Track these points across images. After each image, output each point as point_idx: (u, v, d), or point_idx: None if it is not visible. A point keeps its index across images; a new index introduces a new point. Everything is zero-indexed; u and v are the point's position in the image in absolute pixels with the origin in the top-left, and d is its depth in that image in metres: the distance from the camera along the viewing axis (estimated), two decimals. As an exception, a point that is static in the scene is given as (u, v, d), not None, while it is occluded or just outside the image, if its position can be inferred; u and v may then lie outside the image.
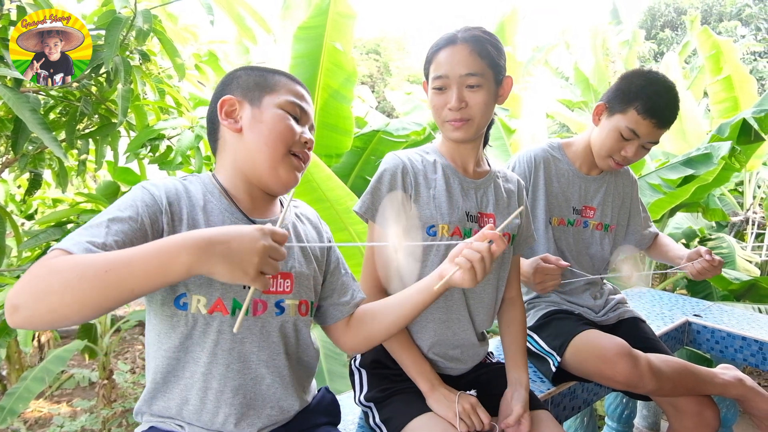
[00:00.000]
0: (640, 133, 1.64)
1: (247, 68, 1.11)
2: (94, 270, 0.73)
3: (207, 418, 1.00)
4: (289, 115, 1.06)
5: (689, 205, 4.83)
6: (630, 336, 1.66)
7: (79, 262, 0.75)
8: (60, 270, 0.74)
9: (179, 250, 0.76)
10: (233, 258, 0.77)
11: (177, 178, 1.05)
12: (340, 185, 2.73)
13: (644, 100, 1.61)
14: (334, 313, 1.21)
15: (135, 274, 0.74)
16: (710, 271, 1.67)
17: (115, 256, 0.76)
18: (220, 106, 1.06)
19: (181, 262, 0.75)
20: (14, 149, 2.10)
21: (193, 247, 0.76)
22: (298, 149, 1.07)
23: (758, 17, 18.04)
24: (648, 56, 16.20)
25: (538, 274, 1.55)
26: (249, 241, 0.78)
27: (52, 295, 0.72)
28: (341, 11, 3.87)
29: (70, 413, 4.41)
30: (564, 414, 1.71)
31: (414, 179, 1.33)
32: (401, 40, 24.11)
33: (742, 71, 5.89)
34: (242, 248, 0.78)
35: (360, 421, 1.43)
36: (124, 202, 0.93)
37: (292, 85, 1.10)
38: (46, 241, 2.31)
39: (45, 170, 2.73)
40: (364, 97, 6.51)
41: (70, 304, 0.73)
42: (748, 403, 1.64)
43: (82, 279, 0.72)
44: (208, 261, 0.76)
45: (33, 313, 0.73)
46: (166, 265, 0.75)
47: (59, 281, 0.73)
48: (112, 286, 0.73)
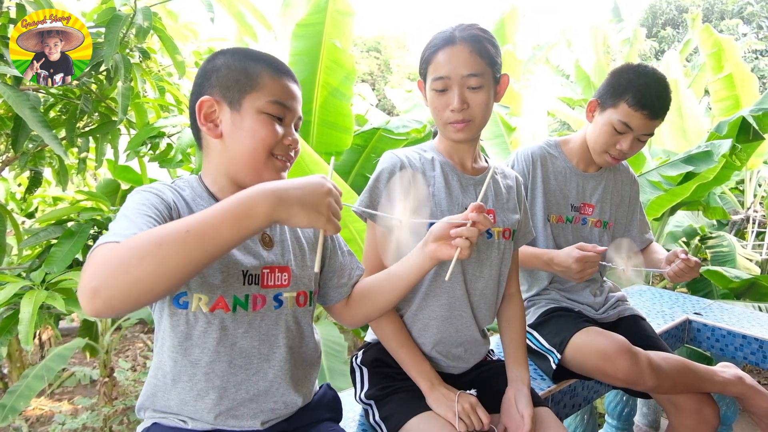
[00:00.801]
0: (633, 125, 1.64)
1: (228, 56, 1.03)
2: (173, 233, 0.72)
3: (210, 414, 1.00)
4: (272, 118, 1.01)
5: (690, 204, 4.82)
6: (630, 334, 1.66)
7: (151, 232, 0.73)
8: (132, 245, 0.72)
9: (256, 200, 0.77)
10: (308, 201, 0.81)
11: (166, 183, 1.04)
12: (340, 183, 2.74)
13: (634, 92, 1.62)
14: (333, 295, 1.22)
15: (217, 229, 0.74)
16: (687, 273, 1.64)
17: (189, 218, 0.75)
18: (198, 108, 1.01)
19: (262, 211, 0.77)
20: (14, 147, 2.10)
21: (271, 196, 0.78)
22: (281, 152, 1.03)
23: (760, 15, 18.01)
24: (649, 54, 16.19)
25: (580, 262, 1.53)
26: (319, 185, 0.83)
27: (131, 268, 0.69)
28: (340, 9, 3.87)
29: (71, 411, 4.42)
30: (564, 411, 1.72)
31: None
32: (401, 38, 24.08)
33: (743, 69, 5.87)
34: (315, 192, 0.82)
35: (360, 419, 1.43)
36: (135, 201, 0.93)
37: (276, 79, 1.02)
38: (47, 239, 2.32)
39: (45, 168, 2.73)
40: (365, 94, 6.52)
41: (153, 273, 0.70)
42: (748, 401, 1.64)
43: (162, 245, 0.71)
44: (286, 207, 0.79)
45: (114, 293, 0.69)
46: (247, 216, 0.76)
47: (135, 253, 0.70)
48: (194, 247, 0.72)
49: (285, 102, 1.02)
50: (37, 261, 2.30)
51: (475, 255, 1.36)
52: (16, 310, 2.02)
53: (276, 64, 1.04)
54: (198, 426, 1.01)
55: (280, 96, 1.02)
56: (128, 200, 0.95)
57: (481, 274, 1.38)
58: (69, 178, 2.91)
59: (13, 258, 3.42)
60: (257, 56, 1.04)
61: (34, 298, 1.97)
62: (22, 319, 1.91)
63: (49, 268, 2.12)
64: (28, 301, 1.95)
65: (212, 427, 1.02)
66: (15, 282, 2.04)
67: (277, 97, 1.01)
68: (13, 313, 2.07)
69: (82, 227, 2.26)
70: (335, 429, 1.17)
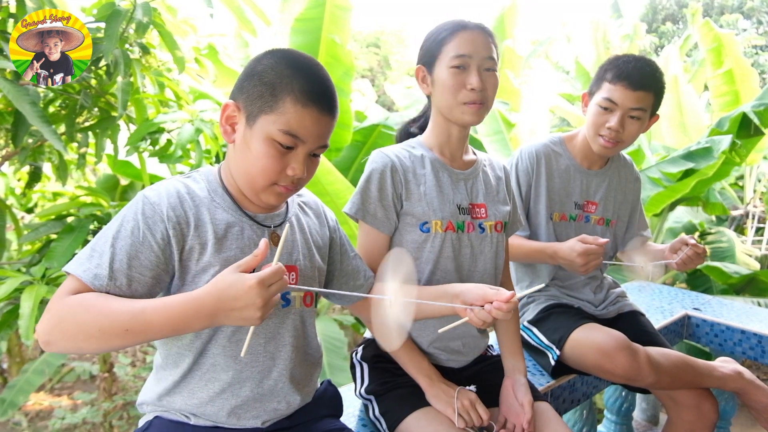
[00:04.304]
0: (616, 99, 1.63)
1: (273, 62, 0.97)
2: (115, 329, 0.85)
3: (213, 410, 1.01)
4: (279, 146, 0.95)
5: (689, 199, 4.83)
6: (629, 329, 1.66)
7: (98, 315, 0.85)
8: (81, 322, 0.85)
9: (192, 320, 0.87)
10: (240, 317, 0.86)
11: (179, 178, 1.03)
12: (340, 179, 2.74)
13: (613, 69, 1.64)
14: (353, 297, 1.23)
15: (155, 333, 0.88)
16: (695, 260, 1.66)
17: (132, 315, 0.85)
18: (223, 109, 1.00)
19: (195, 328, 0.90)
20: (14, 142, 2.10)
21: (204, 318, 0.87)
22: (283, 183, 0.99)
23: (760, 10, 17.98)
24: (649, 50, 16.15)
25: (583, 255, 1.52)
26: (251, 300, 0.84)
27: (79, 341, 0.86)
28: (338, 3, 3.86)
29: (71, 406, 4.43)
30: (563, 407, 1.72)
31: (403, 177, 1.32)
32: (401, 33, 24.01)
33: (743, 65, 5.87)
34: (246, 307, 0.84)
35: (360, 414, 1.44)
36: (125, 217, 0.94)
37: (299, 109, 0.94)
38: (47, 234, 2.32)
39: (45, 163, 2.73)
40: (364, 91, 6.51)
41: (97, 348, 0.90)
42: (747, 396, 1.65)
43: (104, 334, 0.85)
44: (222, 322, 0.88)
45: (63, 348, 0.89)
46: (180, 330, 0.89)
47: (84, 332, 0.85)
48: (131, 341, 0.87)
49: (298, 134, 0.95)
50: (37, 256, 2.30)
51: (469, 251, 1.37)
52: (16, 305, 2.02)
53: (308, 89, 0.95)
54: (201, 422, 1.01)
55: (294, 127, 0.95)
56: (125, 210, 0.95)
57: (476, 268, 1.39)
58: (69, 174, 2.90)
59: (12, 253, 3.43)
60: (296, 72, 0.96)
61: (34, 293, 1.97)
62: (22, 314, 1.91)
63: (49, 263, 2.12)
64: (29, 296, 1.96)
65: (214, 424, 1.02)
66: (15, 277, 2.04)
67: (291, 128, 0.95)
68: (13, 308, 2.08)
69: (82, 222, 2.26)
70: (336, 425, 1.18)
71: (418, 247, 1.33)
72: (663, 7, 19.60)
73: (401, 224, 1.34)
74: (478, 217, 1.38)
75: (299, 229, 1.13)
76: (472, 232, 1.36)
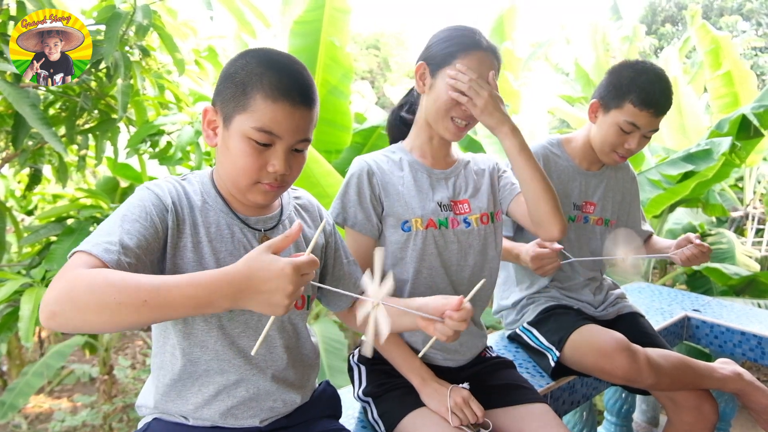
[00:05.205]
0: (640, 124, 1.64)
1: (246, 61, 0.96)
2: (133, 300, 0.76)
3: (211, 412, 1.01)
4: (256, 145, 0.94)
5: (689, 201, 4.84)
6: (629, 331, 1.66)
7: (116, 284, 0.77)
8: (97, 290, 0.77)
9: (217, 297, 0.79)
10: (267, 301, 0.81)
11: (176, 178, 1.04)
12: (340, 181, 2.74)
13: (638, 91, 1.62)
14: (339, 302, 1.23)
15: (175, 309, 0.79)
16: (699, 258, 1.69)
17: (152, 287, 0.78)
18: (203, 114, 1.01)
19: (221, 306, 0.81)
20: (14, 144, 2.11)
21: (230, 297, 0.80)
22: (267, 181, 0.98)
23: (759, 12, 17.99)
24: (649, 51, 16.16)
25: (536, 260, 1.56)
26: (282, 284, 0.80)
27: (89, 313, 0.77)
28: (337, 6, 3.87)
29: (70, 408, 4.43)
30: (563, 408, 1.72)
31: (381, 179, 1.35)
32: (400, 35, 24.03)
33: (741, 66, 5.88)
34: (277, 290, 0.80)
35: (360, 416, 1.44)
36: (131, 203, 0.94)
37: (269, 104, 0.93)
38: (47, 236, 2.32)
39: (45, 165, 2.73)
40: (364, 92, 6.52)
41: (107, 322, 0.78)
42: (747, 397, 1.65)
43: (120, 305, 0.76)
44: (245, 304, 0.81)
45: (68, 322, 0.78)
46: (207, 306, 0.80)
47: (97, 302, 0.76)
48: (148, 315, 0.78)
49: (272, 130, 0.94)
50: (37, 258, 2.31)
51: (456, 246, 1.38)
52: (16, 307, 2.03)
53: (277, 84, 0.93)
54: (199, 423, 1.02)
55: (267, 124, 0.93)
56: (130, 198, 0.96)
57: (465, 263, 1.39)
58: (68, 176, 2.91)
59: (12, 255, 3.43)
60: (266, 69, 0.94)
61: (34, 295, 1.97)
62: (22, 316, 1.91)
63: (49, 265, 2.13)
64: (29, 299, 1.96)
65: (212, 424, 1.02)
66: (15, 279, 2.04)
67: (264, 124, 0.93)
68: (13, 310, 2.08)
69: (82, 224, 2.27)
70: (334, 426, 1.18)
71: (401, 247, 1.35)
72: (662, 9, 19.63)
73: (385, 226, 1.36)
74: (461, 212, 1.39)
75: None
76: (457, 228, 1.38)
